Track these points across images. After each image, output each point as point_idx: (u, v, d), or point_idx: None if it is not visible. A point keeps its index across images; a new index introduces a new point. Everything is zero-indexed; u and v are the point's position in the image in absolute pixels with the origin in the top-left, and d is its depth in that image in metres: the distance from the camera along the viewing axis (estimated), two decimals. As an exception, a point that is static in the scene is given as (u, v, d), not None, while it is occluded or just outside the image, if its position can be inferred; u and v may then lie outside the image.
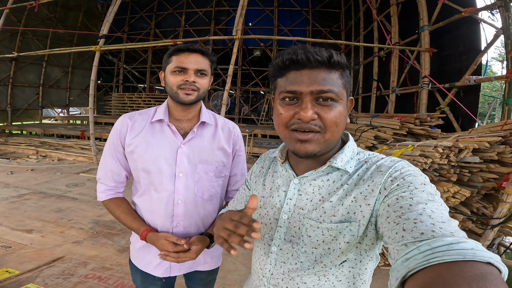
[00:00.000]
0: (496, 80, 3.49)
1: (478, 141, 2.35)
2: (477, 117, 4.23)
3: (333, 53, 0.62)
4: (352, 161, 0.68)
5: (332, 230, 0.64)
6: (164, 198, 1.09)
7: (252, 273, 0.85)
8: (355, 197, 0.63)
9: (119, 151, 1.12)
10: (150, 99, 11.75)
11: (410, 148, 2.53)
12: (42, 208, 3.70)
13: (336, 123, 0.62)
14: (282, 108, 0.65)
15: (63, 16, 11.49)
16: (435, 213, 0.48)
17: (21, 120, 10.99)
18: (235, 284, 2.34)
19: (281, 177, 0.77)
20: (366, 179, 0.64)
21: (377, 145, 4.01)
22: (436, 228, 0.44)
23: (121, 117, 1.14)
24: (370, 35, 7.88)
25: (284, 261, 0.72)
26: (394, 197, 0.55)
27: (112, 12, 5.98)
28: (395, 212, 0.52)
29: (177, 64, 1.04)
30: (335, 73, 0.63)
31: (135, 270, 1.21)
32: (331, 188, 0.67)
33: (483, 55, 4.02)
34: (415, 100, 5.24)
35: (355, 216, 0.63)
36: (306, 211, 0.68)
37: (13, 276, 2.25)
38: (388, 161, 0.65)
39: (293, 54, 0.62)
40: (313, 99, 0.62)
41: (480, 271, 0.34)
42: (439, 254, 0.38)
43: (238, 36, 4.96)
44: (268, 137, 9.16)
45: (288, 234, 0.71)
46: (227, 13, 12.04)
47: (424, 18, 5.07)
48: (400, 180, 0.58)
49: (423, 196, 0.52)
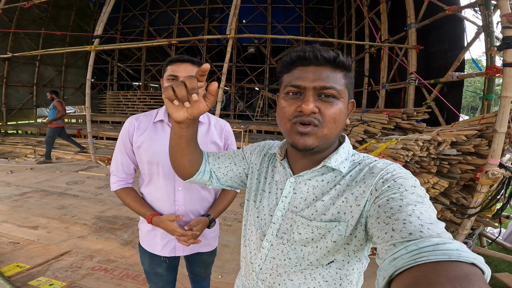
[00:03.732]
0: (477, 76, 3.67)
1: (456, 134, 2.53)
2: (460, 112, 4.42)
3: (339, 54, 0.65)
4: (347, 162, 0.70)
5: (321, 229, 0.66)
6: (166, 185, 1.28)
7: (242, 266, 0.89)
8: (346, 198, 0.65)
9: (128, 147, 1.30)
10: (145, 96, 11.79)
11: (394, 142, 2.70)
12: (45, 206, 3.83)
13: (334, 119, 0.64)
14: (286, 102, 0.67)
15: (54, 15, 11.41)
16: (423, 214, 0.49)
17: (16, 119, 10.95)
18: (232, 273, 2.51)
19: (278, 173, 0.79)
20: (358, 180, 0.65)
21: (366, 139, 4.19)
22: (424, 229, 0.45)
23: (129, 118, 1.32)
24: (362, 32, 8.02)
25: (274, 256, 0.75)
26: (385, 198, 0.57)
27: (106, 12, 6.02)
28: (385, 213, 0.53)
29: (170, 72, 1.21)
30: (339, 73, 0.66)
31: (144, 252, 1.38)
32: (325, 188, 0.69)
33: (465, 52, 4.20)
34: (402, 96, 5.42)
35: (344, 216, 0.65)
36: (299, 209, 0.71)
37: (24, 270, 2.39)
38: (381, 164, 0.66)
39: (301, 51, 0.66)
40: (316, 94, 0.64)
41: (464, 272, 0.35)
42: (426, 254, 0.39)
43: (232, 35, 5.07)
44: (263, 133, 9.31)
45: (280, 231, 0.73)
46: (221, 11, 12.04)
47: (411, 16, 5.22)
48: (391, 182, 0.59)
49: (413, 198, 0.54)
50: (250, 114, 12.15)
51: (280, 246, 0.73)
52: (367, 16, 6.90)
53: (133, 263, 2.59)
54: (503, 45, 2.53)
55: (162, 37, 12.13)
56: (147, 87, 13.86)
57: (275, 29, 11.67)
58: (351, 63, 0.68)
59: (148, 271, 1.41)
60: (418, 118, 4.25)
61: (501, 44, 2.56)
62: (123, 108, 12.01)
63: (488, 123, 2.61)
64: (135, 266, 2.53)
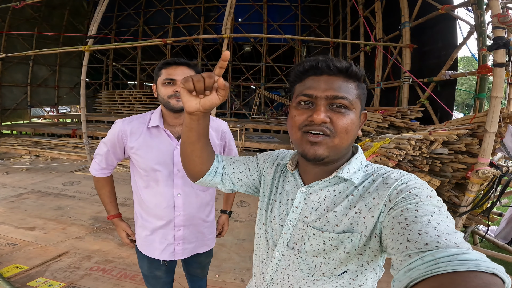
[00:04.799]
0: (469, 75, 3.73)
1: (447, 133, 2.57)
2: (453, 110, 4.48)
3: (352, 64, 0.65)
4: (359, 172, 0.69)
5: (334, 240, 0.65)
6: (165, 192, 1.26)
7: (254, 276, 0.88)
8: (359, 209, 0.64)
9: (117, 148, 1.28)
10: (141, 96, 11.75)
11: (387, 141, 2.75)
12: (42, 207, 3.83)
13: (346, 130, 0.63)
14: (297, 111, 0.67)
15: (48, 15, 11.31)
16: (440, 225, 0.47)
17: (10, 120, 10.87)
18: (229, 272, 2.54)
19: (289, 183, 0.78)
20: (371, 191, 0.64)
21: (361, 137, 4.24)
22: (441, 239, 0.43)
23: (119, 122, 1.27)
24: (357, 30, 8.05)
25: (285, 267, 0.73)
26: (399, 209, 0.55)
27: (100, 12, 6.00)
28: (400, 224, 0.52)
29: (166, 76, 1.18)
30: (352, 83, 0.65)
31: (142, 257, 1.37)
32: (337, 199, 0.68)
33: (458, 51, 4.26)
34: (396, 94, 5.48)
35: (358, 227, 0.63)
36: (310, 220, 0.69)
37: (23, 271, 2.40)
38: (395, 174, 0.65)
39: (314, 61, 0.66)
40: (327, 104, 0.64)
41: (484, 282, 0.34)
42: (443, 264, 0.38)
43: (227, 35, 5.09)
44: (260, 131, 9.33)
45: (291, 241, 0.72)
46: (217, 9, 12.02)
47: (405, 15, 5.26)
48: (406, 192, 0.58)
49: (429, 208, 0.52)
50: (247, 113, 12.16)
51: (291, 257, 0.72)
52: (361, 14, 6.94)
53: (131, 263, 2.61)
54: (493, 46, 2.58)
55: (158, 36, 12.09)
56: (143, 86, 13.81)
57: (271, 28, 11.69)
58: (363, 73, 0.68)
59: (146, 275, 1.40)
60: (412, 117, 4.30)
61: (492, 44, 2.61)
62: (119, 108, 11.97)
63: (479, 122, 2.65)
64: (132, 266, 2.56)
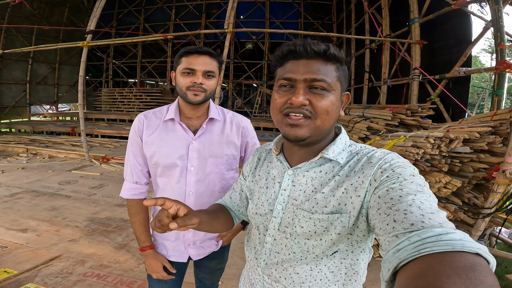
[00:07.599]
0: (485, 71, 3.56)
1: (468, 131, 2.40)
2: (466, 108, 4.31)
3: (330, 46, 0.65)
4: (344, 152, 0.70)
5: (324, 221, 0.66)
6: (176, 189, 1.18)
7: (247, 262, 0.88)
8: (346, 189, 0.65)
9: (138, 144, 1.19)
10: (141, 93, 11.59)
11: (402, 139, 2.57)
12: (36, 207, 3.66)
13: (327, 111, 0.65)
14: (278, 94, 0.69)
15: (47, 12, 11.16)
16: (424, 204, 0.49)
17: (9, 117, 10.75)
18: (233, 278, 2.37)
19: (275, 167, 0.79)
20: (357, 170, 0.65)
21: (369, 136, 4.07)
22: (426, 219, 0.45)
23: (138, 116, 1.22)
24: (362, 27, 7.91)
25: (278, 251, 0.74)
26: (384, 189, 0.57)
27: (99, 7, 5.85)
28: (386, 204, 0.53)
29: (186, 65, 1.09)
30: (331, 66, 0.66)
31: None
32: (323, 179, 0.69)
33: (472, 47, 4.10)
34: (404, 91, 5.31)
35: (346, 207, 0.64)
36: (299, 202, 0.70)
37: (11, 276, 2.24)
38: (379, 153, 0.66)
39: (292, 45, 0.67)
40: (306, 86, 0.65)
41: (469, 262, 0.35)
42: (429, 245, 0.39)
43: (229, 29, 4.92)
44: (262, 129, 9.18)
45: (282, 225, 0.73)
46: (218, 6, 11.90)
47: (414, 11, 5.11)
48: (390, 171, 0.60)
49: (412, 187, 0.54)
50: (248, 111, 12.04)
51: (283, 241, 0.73)
52: (368, 10, 6.77)
53: (128, 268, 2.44)
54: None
55: (158, 33, 11.93)
56: (143, 84, 13.69)
57: (273, 25, 11.56)
58: (342, 54, 0.67)
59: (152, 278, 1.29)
60: (423, 114, 4.14)
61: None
62: (119, 106, 11.79)
63: (501, 119, 2.48)
64: (129, 272, 2.39)
